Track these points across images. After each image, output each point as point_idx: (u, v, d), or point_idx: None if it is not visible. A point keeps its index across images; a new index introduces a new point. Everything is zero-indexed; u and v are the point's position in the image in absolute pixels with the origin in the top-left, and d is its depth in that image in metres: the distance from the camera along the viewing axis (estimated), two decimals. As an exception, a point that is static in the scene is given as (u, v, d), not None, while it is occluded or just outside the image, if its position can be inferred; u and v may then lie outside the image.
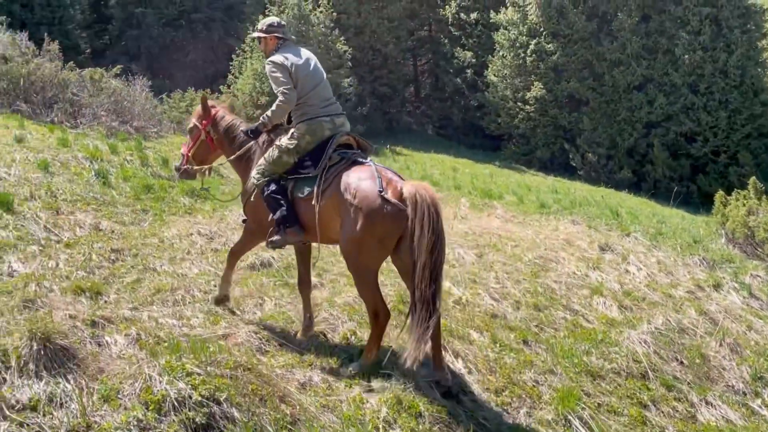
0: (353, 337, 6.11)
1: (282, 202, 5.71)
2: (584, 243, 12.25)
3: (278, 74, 5.84)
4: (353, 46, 33.64)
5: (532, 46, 33.09)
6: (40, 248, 8.38)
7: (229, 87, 32.99)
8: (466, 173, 25.82)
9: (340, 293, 7.27)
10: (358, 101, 34.26)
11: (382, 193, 5.18)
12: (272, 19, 6.19)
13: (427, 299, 4.99)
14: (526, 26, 33.61)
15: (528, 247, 11.21)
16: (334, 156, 5.68)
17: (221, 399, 4.14)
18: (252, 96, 31.00)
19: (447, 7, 38.00)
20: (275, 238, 5.81)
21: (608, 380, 6.44)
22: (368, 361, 5.38)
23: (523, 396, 5.78)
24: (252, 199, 6.04)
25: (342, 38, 32.70)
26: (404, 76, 39.40)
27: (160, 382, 4.12)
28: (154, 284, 7.17)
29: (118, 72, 17.03)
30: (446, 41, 38.99)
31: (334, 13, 32.93)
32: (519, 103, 33.73)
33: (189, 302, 6.72)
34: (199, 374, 4.24)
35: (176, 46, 40.43)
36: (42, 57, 16.24)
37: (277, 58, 5.94)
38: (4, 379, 4.11)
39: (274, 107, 5.95)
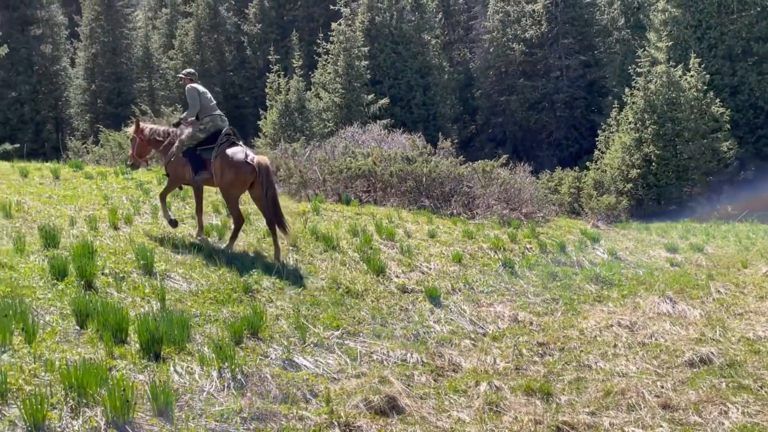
0: None
1: (195, 159, 10.10)
2: None
3: (193, 94, 10.23)
4: (729, 107, 31.11)
5: None
6: (472, 342, 8.70)
7: (595, 162, 32.61)
8: None
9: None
10: (740, 165, 31.40)
11: (247, 159, 9.82)
12: (189, 69, 11.07)
13: (275, 216, 9.90)
14: None
15: None
16: (223, 138, 10.11)
17: None
18: (621, 170, 30.21)
19: None
20: (196, 178, 10.13)
21: None
22: (231, 247, 10.01)
23: None
24: (173, 160, 10.29)
25: (717, 100, 30.46)
26: (793, 133, 35.12)
27: None
28: (599, 385, 6.89)
29: (505, 161, 17.72)
30: None
31: (707, 75, 30.89)
32: None
33: (644, 407, 6.28)
34: None
35: (539, 127, 41.46)
36: (437, 155, 17.61)
37: (193, 86, 10.32)
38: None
39: (185, 115, 10.48)
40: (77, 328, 6.24)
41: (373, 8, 40.41)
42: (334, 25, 37.42)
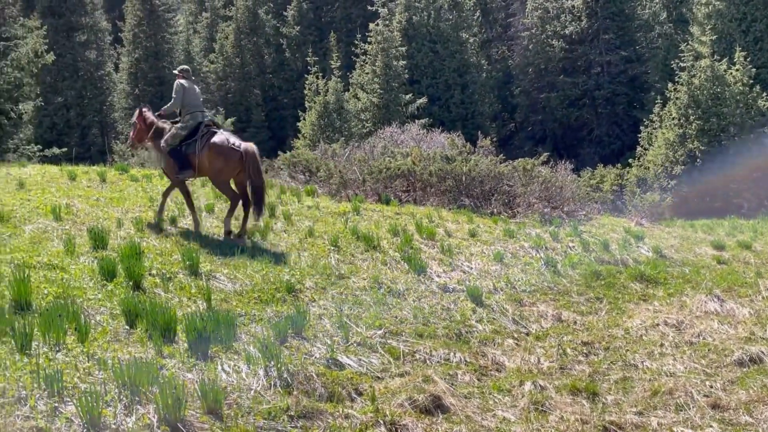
0: None
1: (179, 157, 10.46)
2: None
3: (178, 90, 10.63)
4: (777, 101, 30.45)
5: None
6: (515, 341, 8.66)
7: (638, 159, 32.14)
8: None
9: None
10: (788, 160, 30.62)
11: (233, 146, 10.32)
12: (183, 66, 11.38)
13: (260, 198, 10.40)
14: None
15: None
16: (204, 129, 10.52)
17: None
18: (665, 167, 29.74)
19: None
20: (178, 175, 10.54)
21: None
22: (229, 226, 10.40)
23: None
24: (166, 158, 10.69)
25: (764, 94, 29.82)
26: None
27: None
28: (646, 384, 6.82)
29: (545, 159, 17.57)
30: None
31: (753, 69, 30.22)
32: None
33: (692, 407, 6.19)
34: None
35: (580, 124, 41.02)
36: (477, 153, 17.55)
37: (181, 82, 10.68)
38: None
39: (168, 106, 10.87)
40: (127, 327, 6.39)
41: (411, 8, 40.43)
42: (371, 26, 37.54)
